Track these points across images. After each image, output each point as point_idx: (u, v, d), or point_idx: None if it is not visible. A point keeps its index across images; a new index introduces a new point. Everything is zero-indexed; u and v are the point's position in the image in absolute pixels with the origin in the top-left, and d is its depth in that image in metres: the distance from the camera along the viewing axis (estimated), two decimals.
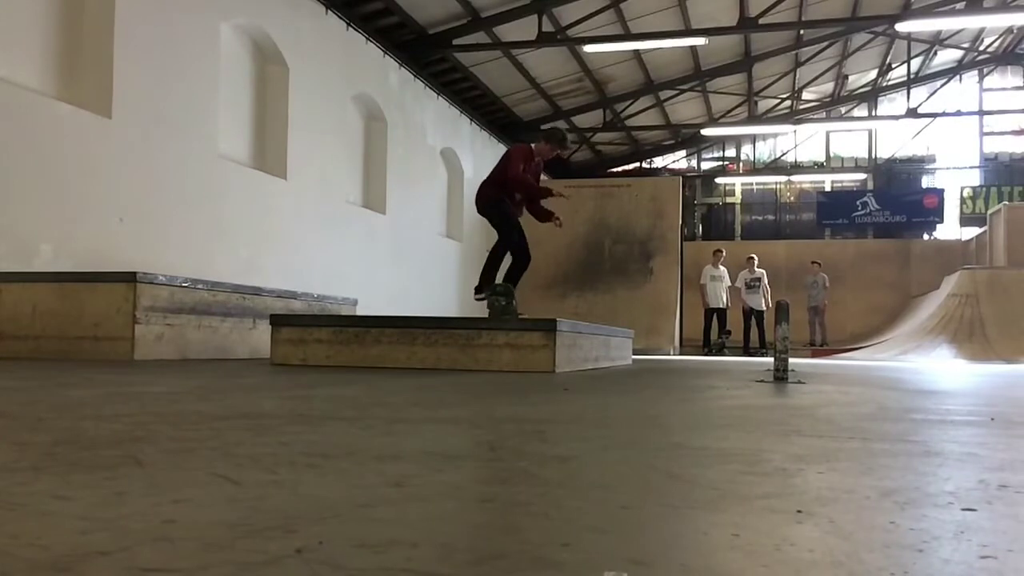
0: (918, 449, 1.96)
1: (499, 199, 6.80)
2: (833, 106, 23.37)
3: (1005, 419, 2.86)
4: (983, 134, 23.41)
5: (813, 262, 17.83)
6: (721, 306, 15.40)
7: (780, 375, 5.05)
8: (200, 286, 7.01)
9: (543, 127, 16.48)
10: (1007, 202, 20.92)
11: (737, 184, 25.00)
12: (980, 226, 21.19)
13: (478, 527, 1.05)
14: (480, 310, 16.14)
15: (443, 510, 1.15)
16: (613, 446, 1.94)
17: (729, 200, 25.05)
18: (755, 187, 25.00)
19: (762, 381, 5.05)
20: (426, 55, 13.69)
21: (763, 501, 1.28)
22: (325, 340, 6.19)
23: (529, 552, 0.93)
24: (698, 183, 24.84)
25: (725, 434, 2.28)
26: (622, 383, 5.03)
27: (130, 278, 6.33)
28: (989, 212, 20.66)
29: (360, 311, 9.31)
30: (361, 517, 1.09)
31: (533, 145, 6.95)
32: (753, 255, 16.11)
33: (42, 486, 1.25)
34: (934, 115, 21.29)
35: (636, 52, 16.49)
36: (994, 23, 17.69)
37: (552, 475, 1.48)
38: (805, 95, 22.32)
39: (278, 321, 6.30)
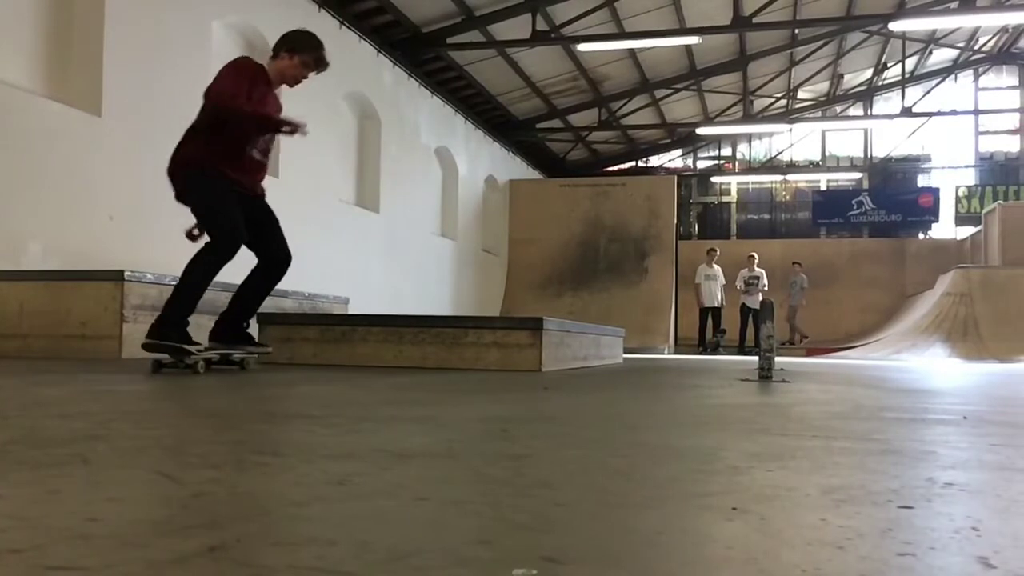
0: (878, 447, 1.97)
1: (200, 165, 4.24)
2: (828, 105, 23.37)
3: (978, 418, 2.87)
4: (978, 133, 23.43)
5: (794, 263, 17.85)
6: (717, 305, 15.43)
7: (765, 374, 5.06)
8: None
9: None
10: (1002, 201, 20.95)
11: (733, 183, 25.00)
12: (975, 225, 21.21)
13: (404, 525, 1.05)
14: (476, 308, 16.07)
15: (376, 508, 1.15)
16: (572, 444, 1.94)
17: (725, 199, 25.05)
18: (751, 186, 25.01)
19: (747, 380, 5.06)
20: (420, 54, 13.68)
21: (702, 499, 1.28)
22: (312, 339, 6.20)
23: (445, 550, 0.93)
24: (694, 182, 24.84)
25: (690, 432, 2.28)
26: (606, 382, 5.03)
27: (117, 276, 6.32)
28: (984, 211, 20.68)
29: (353, 310, 9.31)
30: (290, 515, 1.09)
31: (269, 62, 4.60)
32: (754, 253, 16.13)
33: None
34: (929, 114, 21.29)
35: (631, 51, 16.49)
36: (989, 22, 17.69)
37: (499, 473, 1.48)
38: (800, 94, 22.33)
39: (265, 320, 6.30)
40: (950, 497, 1.32)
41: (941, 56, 22.20)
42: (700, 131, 21.06)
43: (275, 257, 4.61)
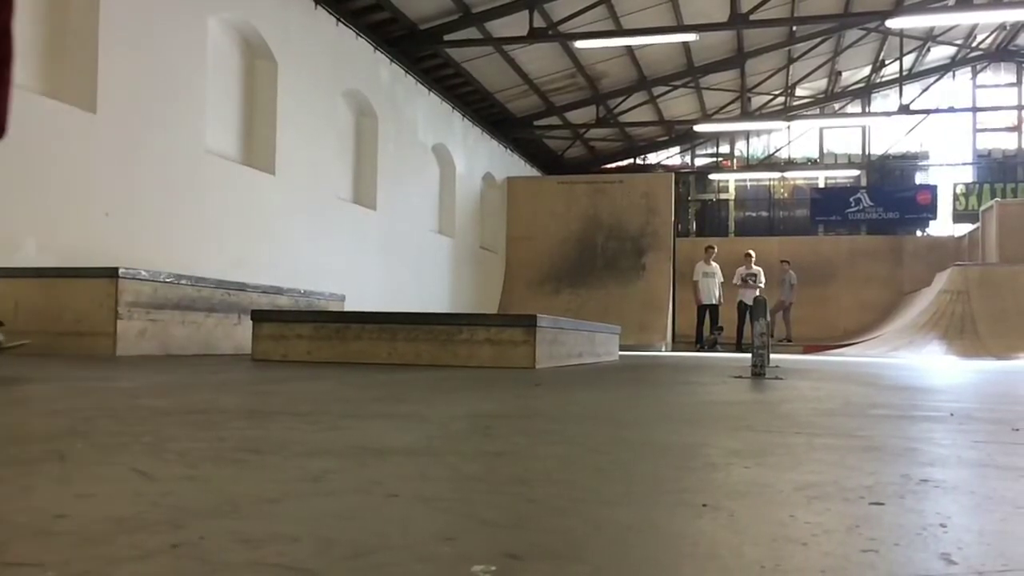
0: (859, 444, 1.97)
1: None
2: (826, 102, 23.37)
3: (964, 415, 2.87)
4: (976, 131, 23.43)
5: (782, 261, 17.84)
6: (714, 302, 15.44)
7: (758, 371, 5.07)
8: (184, 281, 7.01)
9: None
10: (999, 199, 20.96)
11: (731, 180, 25.01)
12: (973, 223, 21.22)
13: (372, 522, 1.05)
14: (474, 305, 16.04)
15: (346, 505, 1.15)
16: (555, 441, 1.94)
17: (723, 196, 25.06)
18: (748, 183, 25.01)
19: (740, 377, 5.06)
20: (417, 51, 13.68)
21: (676, 496, 1.28)
22: (306, 336, 6.20)
23: (409, 546, 0.93)
24: (691, 179, 24.84)
25: (675, 428, 2.28)
26: (598, 379, 5.03)
27: (112, 273, 6.33)
28: (981, 209, 20.70)
29: (350, 307, 9.31)
30: (260, 512, 1.09)
31: None
32: (751, 251, 16.15)
33: None
34: (927, 111, 21.30)
35: (628, 48, 16.48)
36: (986, 19, 17.68)
37: (476, 470, 1.48)
38: (798, 91, 22.32)
39: (259, 317, 6.30)
40: (923, 494, 1.32)
41: (939, 53, 22.20)
42: (698, 128, 21.07)
43: None
